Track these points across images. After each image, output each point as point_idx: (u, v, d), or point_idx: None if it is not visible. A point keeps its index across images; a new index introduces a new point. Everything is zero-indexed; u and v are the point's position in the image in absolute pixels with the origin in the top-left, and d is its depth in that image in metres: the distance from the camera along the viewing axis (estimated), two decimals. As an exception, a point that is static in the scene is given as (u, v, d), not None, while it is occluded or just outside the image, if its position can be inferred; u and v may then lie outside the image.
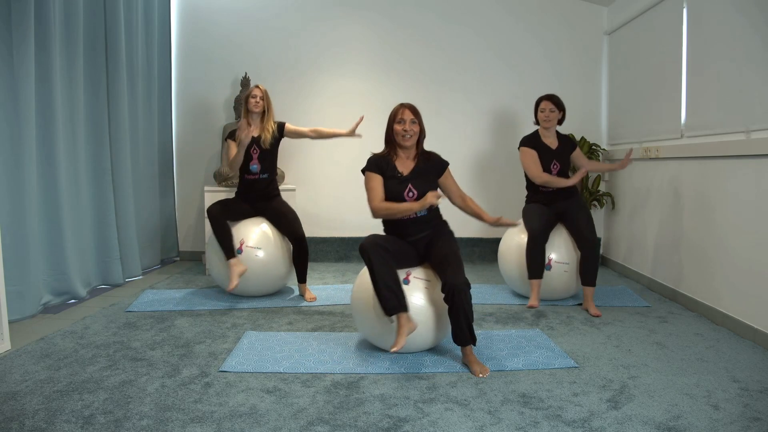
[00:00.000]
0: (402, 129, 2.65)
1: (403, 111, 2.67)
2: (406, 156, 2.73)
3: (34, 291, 3.19)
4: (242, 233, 3.55)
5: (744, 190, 2.96)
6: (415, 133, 2.67)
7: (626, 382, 2.32)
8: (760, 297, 2.81)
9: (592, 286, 3.39)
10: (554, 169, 3.53)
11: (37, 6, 3.21)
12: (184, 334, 2.91)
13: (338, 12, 4.91)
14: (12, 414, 1.98)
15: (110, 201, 3.95)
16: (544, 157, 3.54)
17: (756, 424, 1.96)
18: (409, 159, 2.74)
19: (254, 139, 3.61)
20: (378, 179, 2.68)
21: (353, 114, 4.79)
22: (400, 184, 2.67)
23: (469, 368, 2.46)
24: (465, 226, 5.03)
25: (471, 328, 2.47)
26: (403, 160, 2.73)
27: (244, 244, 3.51)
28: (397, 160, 2.72)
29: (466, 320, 2.44)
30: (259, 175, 3.63)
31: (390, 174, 2.68)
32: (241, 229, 3.57)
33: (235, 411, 2.05)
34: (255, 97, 3.61)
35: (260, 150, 3.61)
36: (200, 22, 4.91)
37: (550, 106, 3.54)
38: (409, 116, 2.66)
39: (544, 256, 3.42)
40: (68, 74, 3.57)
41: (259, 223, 3.62)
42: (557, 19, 4.91)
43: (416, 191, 2.66)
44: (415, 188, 2.66)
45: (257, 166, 3.61)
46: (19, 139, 3.10)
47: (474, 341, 2.49)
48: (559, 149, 3.58)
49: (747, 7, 2.97)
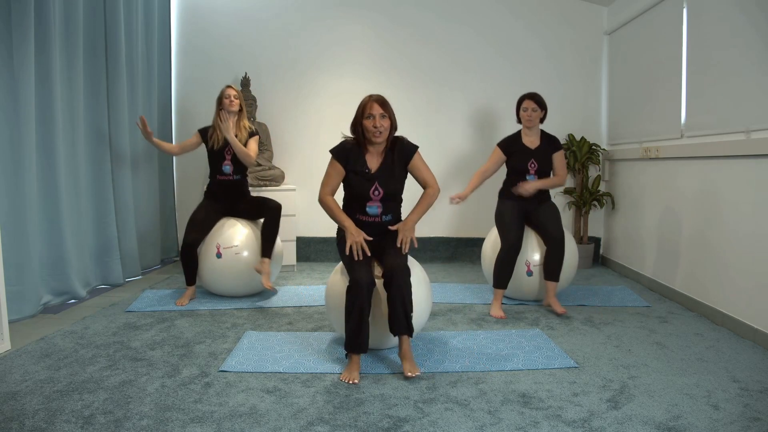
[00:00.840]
0: (372, 125, 2.51)
1: (371, 105, 2.52)
2: (375, 150, 2.62)
3: (34, 291, 3.19)
4: (215, 237, 3.54)
5: (744, 190, 2.96)
6: (386, 128, 2.54)
7: (626, 382, 2.32)
8: (760, 297, 2.81)
9: (555, 281, 3.35)
10: (532, 168, 3.48)
11: (37, 6, 3.21)
12: (184, 334, 2.91)
13: (338, 12, 4.91)
14: (12, 414, 1.98)
15: (110, 201, 3.95)
16: (520, 157, 3.50)
17: (756, 424, 1.96)
18: (378, 153, 2.62)
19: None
20: (338, 171, 2.60)
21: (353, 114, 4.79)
22: (366, 182, 2.57)
23: (401, 363, 2.41)
24: (465, 226, 5.07)
25: (408, 316, 2.42)
26: (372, 154, 2.62)
27: (220, 247, 3.50)
28: (366, 153, 2.61)
29: (403, 306, 2.39)
30: (232, 176, 3.62)
31: (358, 169, 2.58)
32: (214, 233, 3.57)
33: (235, 411, 2.05)
34: (229, 96, 3.59)
35: (234, 151, 3.57)
36: (200, 22, 4.91)
37: (533, 105, 3.49)
38: (378, 110, 2.51)
39: (513, 267, 3.39)
40: (68, 74, 3.57)
41: (231, 225, 3.59)
42: (557, 19, 4.91)
43: (382, 190, 2.58)
44: (381, 186, 2.58)
45: (230, 167, 3.60)
46: (19, 139, 3.10)
47: (411, 332, 2.43)
48: (540, 148, 3.52)
49: (747, 7, 2.97)
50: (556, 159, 3.55)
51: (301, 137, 4.97)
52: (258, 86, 4.83)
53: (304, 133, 4.96)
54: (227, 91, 3.62)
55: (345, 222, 2.56)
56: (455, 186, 4.94)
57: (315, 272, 4.51)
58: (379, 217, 2.62)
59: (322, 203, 2.64)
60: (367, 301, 2.39)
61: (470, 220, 5.01)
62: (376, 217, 2.62)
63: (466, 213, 4.99)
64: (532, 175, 3.49)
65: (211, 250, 3.51)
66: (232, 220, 3.63)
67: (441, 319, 3.23)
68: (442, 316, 3.29)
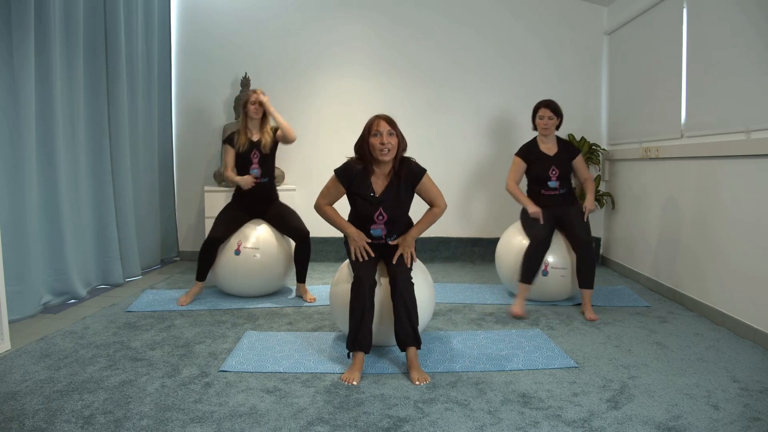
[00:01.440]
0: (379, 143, 2.46)
1: (378, 123, 2.49)
2: (381, 172, 2.58)
3: (34, 291, 3.19)
4: (240, 234, 3.56)
5: (744, 190, 2.96)
6: (394, 146, 2.49)
7: (626, 382, 2.32)
8: (760, 297, 2.81)
9: (590, 289, 3.34)
10: (553, 174, 3.49)
11: (37, 6, 3.21)
12: (184, 334, 2.91)
13: (338, 12, 4.91)
14: (12, 414, 1.98)
15: (110, 201, 3.95)
16: (541, 164, 3.52)
17: (756, 424, 1.96)
18: (384, 175, 2.58)
19: (254, 143, 3.59)
20: (339, 190, 2.60)
21: (353, 113, 4.81)
22: (371, 206, 2.55)
23: (408, 373, 2.38)
24: (465, 226, 5.07)
25: (415, 328, 2.42)
26: (378, 175, 2.58)
27: (242, 245, 3.51)
28: (372, 175, 2.57)
29: (409, 318, 2.39)
30: (260, 180, 3.62)
31: (363, 193, 2.56)
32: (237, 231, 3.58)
33: (235, 411, 2.05)
34: (255, 103, 3.57)
35: (260, 155, 3.59)
36: (200, 23, 4.91)
37: (549, 113, 3.51)
38: (385, 128, 2.47)
39: (541, 263, 3.38)
40: (68, 75, 3.57)
41: (256, 225, 3.62)
42: (557, 19, 4.91)
43: (386, 215, 2.56)
44: (386, 211, 2.56)
45: (258, 170, 3.59)
46: (19, 139, 3.10)
47: (419, 343, 2.42)
48: (558, 155, 3.54)
49: (747, 7, 2.97)
50: (578, 164, 3.59)
51: (301, 137, 4.95)
52: (258, 86, 4.81)
53: (304, 133, 4.95)
54: (252, 96, 3.57)
55: (347, 229, 2.58)
56: (455, 186, 4.94)
57: (315, 272, 4.51)
58: (383, 239, 2.63)
59: (319, 211, 2.65)
60: (369, 299, 2.40)
61: (470, 220, 5.01)
62: (380, 239, 2.63)
63: (466, 213, 4.99)
64: (554, 182, 3.50)
65: (231, 246, 3.53)
66: (260, 224, 3.63)
67: (441, 319, 3.23)
68: (442, 316, 3.29)
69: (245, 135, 3.61)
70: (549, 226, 3.42)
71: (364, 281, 2.40)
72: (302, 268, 3.66)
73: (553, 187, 3.51)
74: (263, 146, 3.60)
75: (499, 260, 3.76)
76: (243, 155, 3.59)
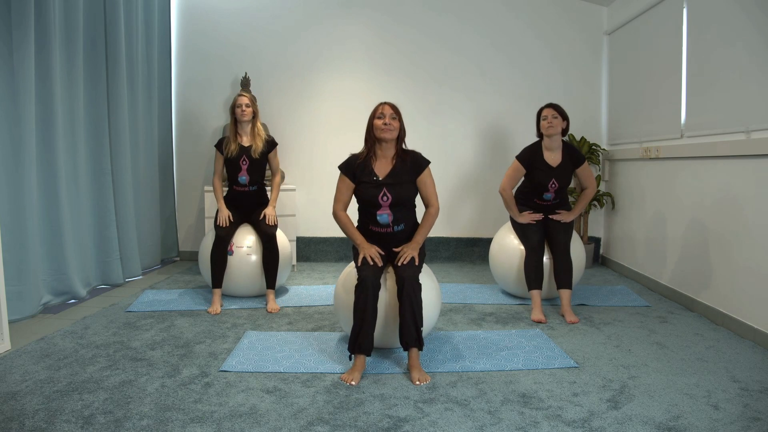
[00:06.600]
0: (382, 123, 2.59)
1: (383, 107, 2.63)
2: (385, 156, 2.66)
3: (34, 291, 3.19)
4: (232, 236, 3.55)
5: (744, 190, 2.96)
6: (395, 128, 2.61)
7: (626, 382, 2.32)
8: (760, 297, 2.81)
9: (568, 289, 3.29)
10: (552, 188, 3.42)
11: (37, 6, 3.21)
12: (184, 334, 2.91)
13: (338, 11, 4.91)
14: (12, 414, 1.99)
15: (110, 201, 3.95)
16: (541, 175, 3.41)
17: (756, 424, 1.96)
18: (387, 160, 2.66)
19: (244, 149, 3.52)
20: (347, 185, 2.66)
21: (353, 113, 4.82)
22: (375, 188, 2.60)
23: (408, 373, 2.39)
24: (465, 226, 5.07)
25: (419, 330, 2.43)
26: (382, 161, 2.66)
27: (233, 245, 3.51)
28: (376, 162, 2.65)
29: (413, 319, 2.41)
30: (248, 188, 3.55)
31: (366, 178, 2.62)
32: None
33: (235, 411, 2.05)
34: (241, 106, 3.48)
35: (249, 161, 3.51)
36: (200, 23, 4.92)
37: (552, 112, 3.38)
38: (389, 111, 2.61)
39: (543, 267, 3.38)
40: (68, 74, 3.57)
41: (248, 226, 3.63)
42: (557, 19, 4.91)
43: (390, 195, 2.60)
44: (390, 192, 2.60)
45: (246, 177, 3.52)
46: (19, 139, 3.10)
47: (421, 345, 2.44)
48: (561, 166, 3.41)
49: (747, 7, 2.97)
50: (582, 173, 3.48)
51: (301, 137, 4.97)
52: (258, 87, 4.83)
53: (304, 133, 4.96)
54: (239, 99, 3.49)
55: (357, 239, 2.62)
56: (455, 185, 4.94)
57: (315, 272, 4.51)
58: (390, 227, 2.63)
59: (336, 218, 2.70)
60: (372, 301, 2.41)
61: (470, 220, 5.01)
62: (388, 227, 2.63)
63: (466, 213, 4.99)
64: (550, 194, 3.45)
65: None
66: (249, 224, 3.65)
67: (441, 319, 3.23)
68: (443, 316, 3.29)
69: (235, 140, 3.53)
70: (540, 230, 3.43)
71: (368, 283, 2.42)
72: (268, 272, 3.50)
73: (548, 198, 3.48)
74: (253, 151, 3.52)
75: (493, 260, 3.76)
76: (232, 161, 3.51)
